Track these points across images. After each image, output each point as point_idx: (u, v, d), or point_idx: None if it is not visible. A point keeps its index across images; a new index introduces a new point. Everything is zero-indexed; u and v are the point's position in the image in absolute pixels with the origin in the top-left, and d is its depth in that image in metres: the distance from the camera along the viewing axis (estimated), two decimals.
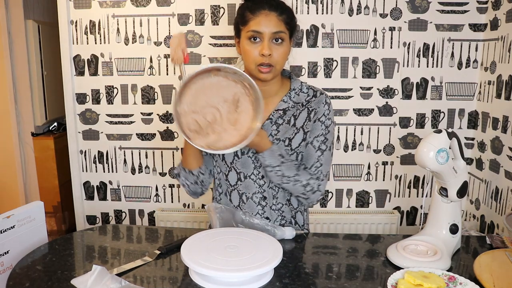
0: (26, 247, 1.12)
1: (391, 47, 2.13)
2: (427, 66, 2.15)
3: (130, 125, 2.27)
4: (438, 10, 2.09)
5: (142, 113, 2.26)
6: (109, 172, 2.33)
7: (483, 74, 2.10)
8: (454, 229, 1.11)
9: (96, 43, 2.19)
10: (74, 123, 2.28)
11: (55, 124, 3.08)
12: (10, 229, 1.08)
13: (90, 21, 2.17)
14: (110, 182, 2.35)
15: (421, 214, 2.28)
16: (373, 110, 2.19)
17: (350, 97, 2.18)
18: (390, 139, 2.23)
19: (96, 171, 2.34)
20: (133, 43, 2.18)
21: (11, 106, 2.82)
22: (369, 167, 2.26)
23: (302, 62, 2.15)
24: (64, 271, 1.00)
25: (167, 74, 2.20)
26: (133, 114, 2.26)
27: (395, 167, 2.25)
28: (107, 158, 2.32)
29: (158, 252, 1.10)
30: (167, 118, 2.25)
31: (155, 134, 2.28)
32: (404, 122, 2.21)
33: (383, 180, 2.27)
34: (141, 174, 2.33)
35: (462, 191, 1.10)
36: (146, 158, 2.31)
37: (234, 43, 1.25)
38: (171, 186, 2.33)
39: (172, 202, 2.34)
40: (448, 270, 1.01)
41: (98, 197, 2.37)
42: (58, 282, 0.95)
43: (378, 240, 1.23)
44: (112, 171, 2.33)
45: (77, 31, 2.19)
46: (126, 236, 1.26)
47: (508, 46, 1.87)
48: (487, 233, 2.03)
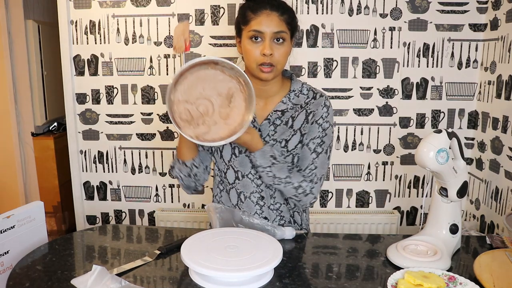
0: (26, 247, 1.12)
1: (391, 47, 2.13)
2: (427, 66, 2.15)
3: (130, 125, 2.27)
4: (438, 10, 2.09)
5: (142, 113, 2.26)
6: (109, 172, 2.33)
7: (483, 74, 2.10)
8: (454, 229, 1.11)
9: (96, 43, 2.20)
10: (74, 123, 2.28)
11: (55, 124, 3.08)
12: (10, 229, 1.08)
13: (90, 21, 2.17)
14: (110, 182, 2.35)
15: (421, 214, 2.28)
16: (373, 110, 2.19)
17: (350, 97, 2.18)
18: (390, 139, 2.23)
19: (96, 171, 2.34)
20: (133, 43, 2.18)
21: (11, 106, 2.82)
22: (369, 167, 2.26)
23: (302, 62, 2.15)
24: (64, 271, 1.00)
25: (167, 74, 2.19)
26: (133, 114, 2.26)
27: (395, 167, 2.25)
28: (107, 158, 2.32)
29: (158, 252, 1.09)
30: (167, 118, 2.25)
31: (155, 134, 2.28)
32: (404, 122, 2.21)
33: (383, 180, 2.27)
34: (141, 174, 2.33)
35: (462, 191, 1.10)
36: (146, 158, 2.31)
37: (234, 43, 1.25)
38: (171, 186, 2.33)
39: (172, 202, 2.34)
40: (448, 270, 1.01)
41: (98, 197, 2.37)
42: (58, 282, 0.95)
43: (378, 240, 1.23)
44: (112, 171, 2.33)
45: (77, 31, 2.19)
46: (126, 236, 1.26)
47: (508, 46, 1.87)
48: (487, 233, 2.03)
